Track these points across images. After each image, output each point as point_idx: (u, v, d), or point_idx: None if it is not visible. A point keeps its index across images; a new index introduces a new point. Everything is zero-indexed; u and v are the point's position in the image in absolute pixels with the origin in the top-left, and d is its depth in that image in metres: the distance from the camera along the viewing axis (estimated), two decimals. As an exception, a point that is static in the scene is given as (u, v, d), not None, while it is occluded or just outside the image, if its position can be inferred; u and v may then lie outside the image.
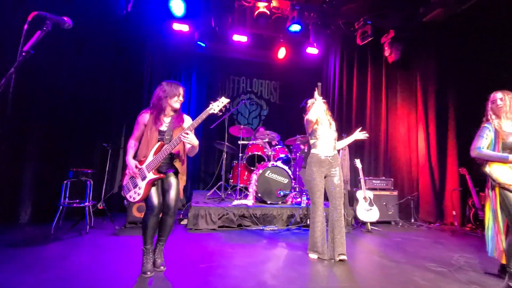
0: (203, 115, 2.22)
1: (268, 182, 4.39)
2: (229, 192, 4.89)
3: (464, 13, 4.55)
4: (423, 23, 5.17)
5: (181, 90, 2.38)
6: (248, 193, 4.46)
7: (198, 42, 5.45)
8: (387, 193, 5.04)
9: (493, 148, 2.37)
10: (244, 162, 4.94)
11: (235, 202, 4.23)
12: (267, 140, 5.14)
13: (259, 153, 4.87)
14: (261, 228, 4.02)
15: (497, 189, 2.33)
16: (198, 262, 2.64)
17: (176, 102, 2.36)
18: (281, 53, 6.11)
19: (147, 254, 2.30)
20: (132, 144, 2.39)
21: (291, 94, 6.84)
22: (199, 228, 3.82)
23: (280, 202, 4.44)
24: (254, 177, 4.43)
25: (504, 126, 2.38)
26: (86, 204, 3.57)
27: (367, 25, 5.33)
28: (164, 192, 2.37)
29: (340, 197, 2.88)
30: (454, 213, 4.90)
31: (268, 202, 4.36)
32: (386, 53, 5.53)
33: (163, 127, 2.37)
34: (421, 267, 2.77)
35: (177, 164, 2.40)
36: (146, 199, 2.26)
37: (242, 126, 4.90)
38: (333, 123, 3.05)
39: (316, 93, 2.94)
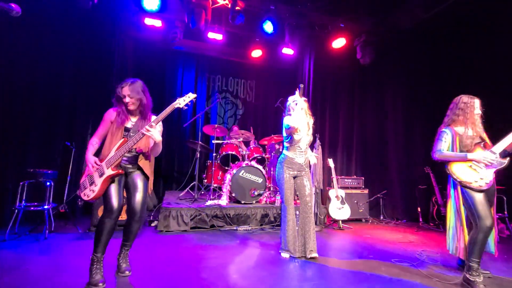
0: (168, 109, 2.14)
1: (243, 182, 4.35)
2: (202, 193, 4.79)
3: (431, 19, 4.79)
4: (393, 28, 5.40)
5: (124, 91, 2.18)
6: (222, 193, 4.40)
7: (172, 39, 5.28)
8: (358, 191, 5.21)
9: (452, 150, 2.50)
10: (218, 161, 4.87)
11: (209, 203, 4.15)
12: (241, 139, 5.10)
13: (234, 153, 4.82)
14: (235, 228, 3.98)
15: (459, 188, 2.46)
16: (167, 265, 2.55)
17: (128, 105, 2.21)
18: (257, 52, 6.10)
19: (97, 263, 2.07)
20: (94, 142, 2.23)
21: (267, 94, 6.85)
22: (170, 229, 3.71)
23: (254, 202, 4.42)
24: (228, 176, 4.38)
25: (461, 129, 2.51)
26: (45, 207, 3.32)
27: (340, 28, 5.46)
28: (129, 194, 2.24)
29: (310, 196, 2.93)
30: (419, 209, 5.16)
31: (242, 202, 4.32)
32: (358, 56, 5.69)
33: (129, 125, 2.26)
34: (387, 262, 2.88)
35: (142, 163, 2.28)
36: (105, 200, 2.11)
37: (216, 125, 4.82)
38: (311, 123, 3.05)
39: (297, 96, 2.92)
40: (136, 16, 4.98)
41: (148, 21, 4.96)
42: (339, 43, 5.59)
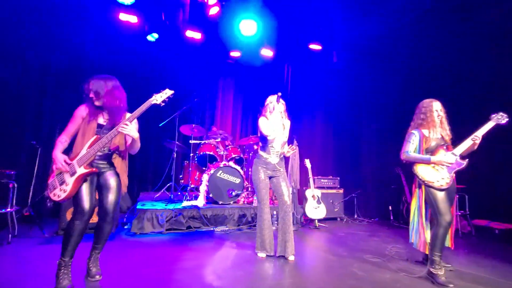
0: (144, 106, 2.09)
1: (220, 182, 4.33)
2: (179, 193, 4.71)
3: (404, 26, 5.03)
4: (367, 34, 5.62)
5: (90, 86, 2.10)
6: (199, 193, 4.34)
7: (149, 36, 5.14)
8: (334, 191, 5.36)
9: (419, 152, 2.65)
10: (196, 162, 4.81)
11: (185, 204, 4.09)
12: (220, 139, 5.07)
13: (211, 153, 4.78)
14: (212, 229, 3.95)
15: (423, 187, 2.61)
16: (140, 268, 2.48)
17: (93, 100, 2.12)
18: (235, 52, 6.10)
19: (64, 268, 1.96)
20: (63, 140, 2.10)
21: (246, 94, 6.86)
22: (145, 232, 3.61)
23: (232, 202, 4.41)
24: (206, 177, 4.34)
25: (427, 132, 2.67)
26: (8, 210, 3.11)
27: (317, 31, 5.60)
28: (101, 194, 2.15)
29: (288, 195, 2.96)
30: (390, 208, 5.40)
31: (220, 203, 4.30)
32: (334, 59, 5.87)
33: (102, 121, 2.17)
34: (359, 258, 2.98)
35: (116, 161, 2.20)
36: (76, 201, 2.00)
37: (194, 125, 4.76)
38: (287, 125, 3.06)
39: (275, 101, 2.93)
40: (110, 10, 4.80)
41: (123, 16, 4.79)
42: (316, 46, 5.72)
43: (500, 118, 2.56)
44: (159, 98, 2.14)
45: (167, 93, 2.17)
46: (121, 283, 2.16)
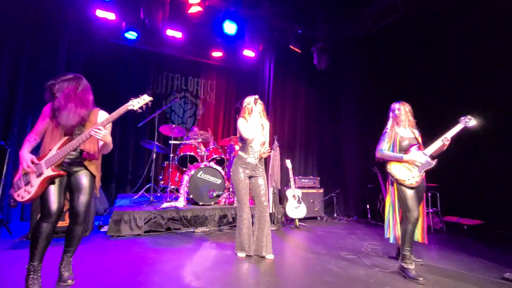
0: (120, 110, 2.03)
1: (201, 183, 4.30)
2: (158, 195, 4.62)
3: (381, 31, 5.22)
4: (347, 37, 5.78)
5: (55, 88, 2.05)
6: (179, 194, 4.29)
7: (127, 34, 5.02)
8: (314, 191, 5.45)
9: (392, 150, 2.77)
10: (176, 162, 4.75)
11: (165, 205, 4.02)
12: (200, 140, 5.03)
13: (192, 154, 4.74)
14: (192, 230, 3.91)
15: (395, 185, 2.73)
16: (116, 271, 2.41)
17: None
18: (217, 53, 6.09)
19: (33, 273, 1.89)
20: (31, 139, 2.02)
21: (228, 95, 6.86)
22: (122, 234, 3.51)
23: (212, 203, 4.39)
24: (186, 178, 4.29)
25: (400, 131, 2.80)
26: (-28, 214, 2.94)
27: (298, 34, 5.69)
28: (72, 195, 2.08)
29: (265, 195, 3.00)
30: (368, 207, 5.57)
31: (200, 203, 4.26)
32: (315, 61, 5.98)
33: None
34: (337, 256, 3.06)
35: (88, 163, 2.11)
36: (42, 202, 1.92)
37: (174, 126, 4.69)
38: (266, 125, 3.09)
39: (252, 102, 2.95)
40: (86, 6, 4.65)
41: (100, 13, 4.66)
42: (297, 48, 5.80)
43: (468, 121, 2.71)
44: (136, 104, 2.07)
45: (145, 99, 2.10)
46: (95, 287, 2.10)
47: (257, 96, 3.01)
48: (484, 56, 4.79)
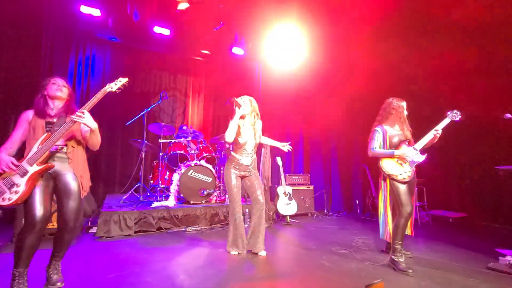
0: (99, 95, 2.01)
1: (191, 182, 4.26)
2: (148, 194, 4.56)
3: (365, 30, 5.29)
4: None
5: (58, 80, 2.09)
6: (169, 194, 4.24)
7: (113, 31, 4.90)
8: (305, 187, 5.49)
9: (383, 147, 2.82)
10: (166, 161, 4.68)
11: (155, 204, 3.97)
12: (190, 138, 4.98)
13: (182, 152, 4.68)
14: (183, 229, 3.87)
15: (387, 180, 2.78)
16: (106, 272, 2.37)
17: (56, 90, 2.05)
18: (207, 50, 6.03)
19: (19, 278, 1.83)
20: (7, 146, 1.93)
21: (218, 93, 6.80)
22: (111, 235, 3.45)
23: (203, 202, 4.36)
24: (176, 176, 4.24)
25: (389, 129, 2.85)
26: (-49, 217, 2.81)
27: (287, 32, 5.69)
28: (60, 200, 1.97)
29: (261, 193, 2.98)
30: (357, 202, 5.67)
31: (191, 202, 4.23)
32: (303, 58, 6.00)
33: (51, 119, 2.02)
34: (328, 251, 3.10)
35: (74, 164, 2.04)
36: (26, 209, 1.82)
37: (163, 124, 4.63)
38: (259, 126, 3.05)
39: (243, 105, 2.90)
40: (70, 2, 4.51)
41: (84, 9, 4.53)
42: (286, 45, 5.79)
43: (454, 115, 2.79)
44: (113, 86, 2.10)
45: (122, 80, 2.14)
46: (85, 289, 2.06)
47: (249, 98, 2.98)
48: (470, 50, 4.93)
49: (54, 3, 4.37)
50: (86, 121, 1.90)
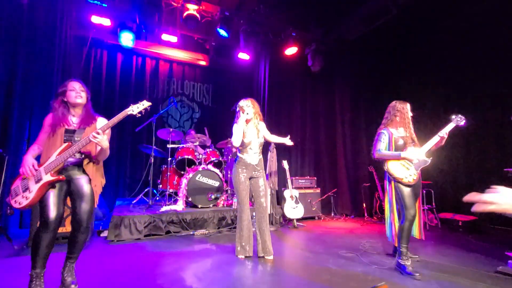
0: (120, 116, 2.06)
1: (199, 186, 4.33)
2: (157, 199, 4.65)
3: (373, 32, 5.32)
4: (339, 39, 5.87)
5: (75, 85, 2.16)
6: (178, 198, 4.32)
7: (123, 40, 5.04)
8: (311, 191, 5.50)
9: (388, 149, 2.83)
10: (174, 166, 4.77)
11: (164, 208, 4.05)
12: (198, 143, 5.07)
13: (190, 157, 4.77)
14: (191, 233, 3.94)
15: (393, 183, 2.79)
16: (118, 275, 2.44)
17: (75, 97, 2.14)
18: (213, 56, 6.14)
19: (36, 279, 1.92)
20: (35, 147, 2.05)
21: (224, 97, 6.89)
22: (122, 239, 3.53)
23: (211, 206, 4.42)
24: (184, 181, 4.32)
25: (395, 131, 2.86)
26: (-28, 222, 2.94)
27: (292, 36, 5.76)
28: (74, 202, 2.08)
29: (264, 196, 3.04)
30: (364, 205, 5.64)
31: (199, 206, 4.30)
32: (309, 63, 6.06)
33: (72, 126, 2.12)
34: (335, 254, 3.12)
35: (89, 168, 2.14)
36: (41, 210, 1.93)
37: (171, 129, 4.72)
38: (262, 128, 3.10)
39: (245, 108, 2.95)
40: (82, 12, 4.67)
41: (95, 19, 4.69)
42: (291, 50, 5.87)
43: (459, 120, 2.79)
44: (135, 109, 2.12)
45: (144, 104, 2.15)
46: (98, 291, 2.13)
47: (252, 100, 3.04)
48: (475, 56, 4.90)
49: (66, 14, 4.54)
50: (100, 141, 1.98)
